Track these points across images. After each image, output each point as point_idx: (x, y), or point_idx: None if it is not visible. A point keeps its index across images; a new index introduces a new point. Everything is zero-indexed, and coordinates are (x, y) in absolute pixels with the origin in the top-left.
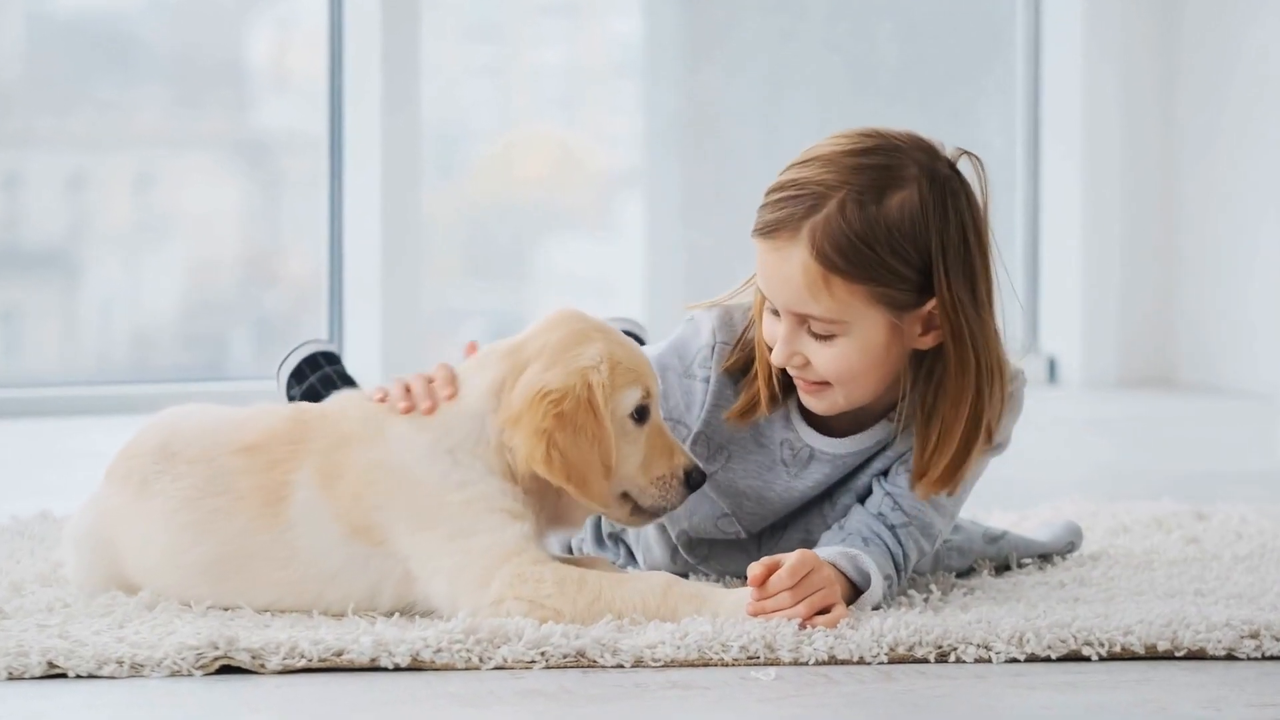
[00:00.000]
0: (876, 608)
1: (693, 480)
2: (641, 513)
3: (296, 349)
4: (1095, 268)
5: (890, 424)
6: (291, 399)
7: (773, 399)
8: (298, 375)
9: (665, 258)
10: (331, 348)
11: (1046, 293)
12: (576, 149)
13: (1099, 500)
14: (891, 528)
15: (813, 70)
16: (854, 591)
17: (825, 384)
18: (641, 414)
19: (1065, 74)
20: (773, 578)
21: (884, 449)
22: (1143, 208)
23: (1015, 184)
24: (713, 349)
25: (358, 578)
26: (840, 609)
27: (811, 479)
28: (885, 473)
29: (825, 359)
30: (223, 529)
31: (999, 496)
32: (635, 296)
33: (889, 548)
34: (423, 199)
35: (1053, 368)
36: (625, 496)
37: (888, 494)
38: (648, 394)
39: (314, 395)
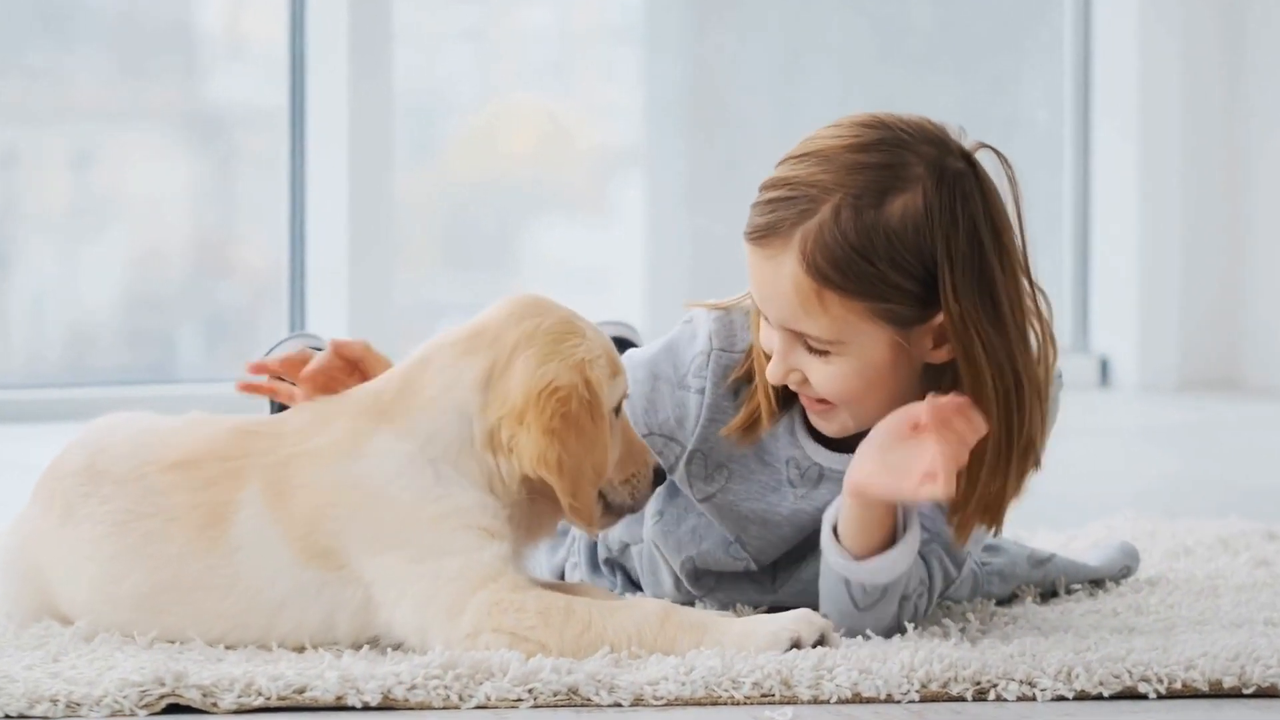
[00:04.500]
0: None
1: (659, 479)
2: (610, 512)
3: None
4: (1152, 257)
5: None
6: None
7: (772, 412)
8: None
9: (667, 246)
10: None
11: (1098, 286)
12: (568, 123)
13: (1157, 518)
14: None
15: (835, 35)
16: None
17: (829, 403)
18: (616, 409)
19: (1119, 39)
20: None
21: None
22: (1205, 190)
23: (1063, 163)
24: (708, 356)
25: (310, 607)
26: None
27: (822, 499)
28: None
29: (823, 377)
30: (156, 555)
31: (1045, 515)
32: (633, 289)
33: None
34: (395, 180)
35: (1105, 369)
36: (599, 495)
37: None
38: (625, 389)
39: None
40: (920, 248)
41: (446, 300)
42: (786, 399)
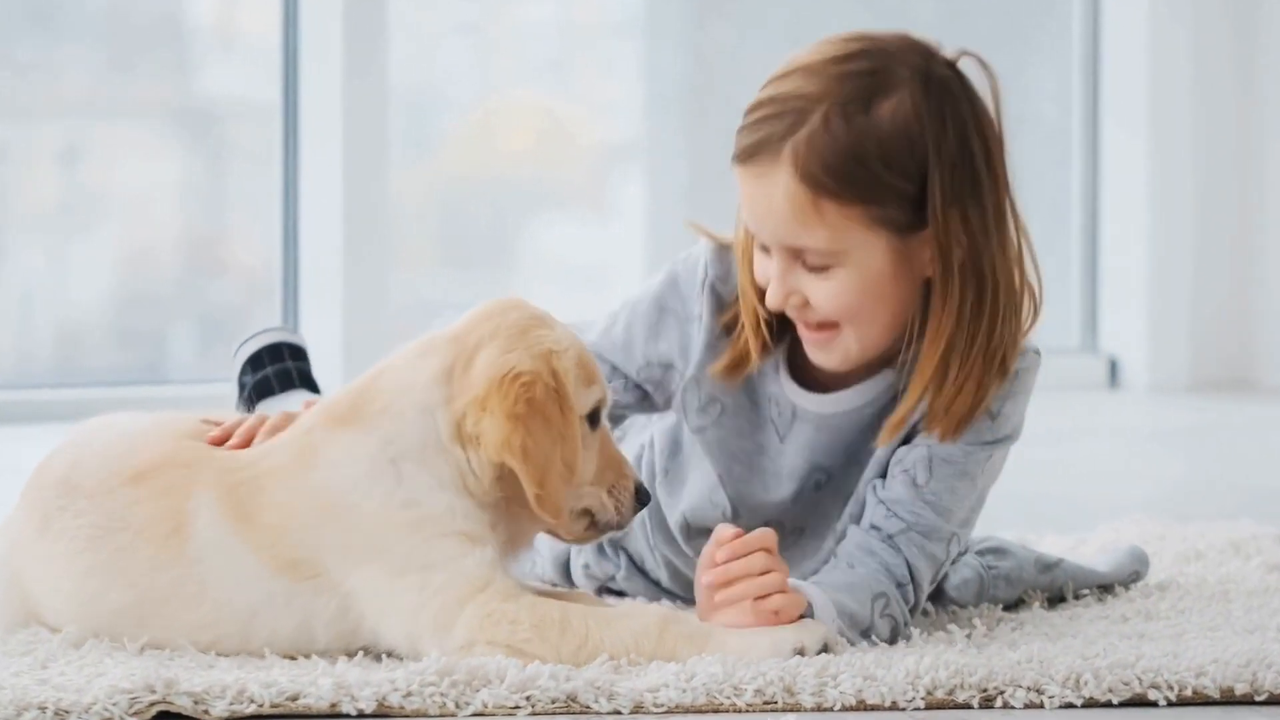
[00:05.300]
0: (867, 635)
1: (641, 497)
2: (595, 528)
3: (260, 333)
4: (1162, 255)
5: (883, 379)
6: (243, 386)
7: (764, 347)
8: (255, 362)
9: (668, 242)
10: (300, 342)
11: (1107, 284)
12: (567, 119)
13: (1167, 521)
14: (889, 538)
15: (837, 27)
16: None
17: (832, 326)
18: (594, 418)
19: (1128, 33)
20: (750, 537)
21: (880, 422)
22: (1216, 186)
23: (1071, 159)
24: (704, 284)
25: (281, 616)
26: (791, 608)
27: (796, 443)
28: (884, 476)
29: (825, 294)
30: (128, 570)
31: (1053, 518)
32: (634, 287)
33: (885, 561)
34: (390, 176)
35: (1114, 370)
36: (584, 512)
37: (881, 502)
38: (602, 397)
39: (266, 388)
40: (912, 148)
41: (443, 299)
42: (777, 336)
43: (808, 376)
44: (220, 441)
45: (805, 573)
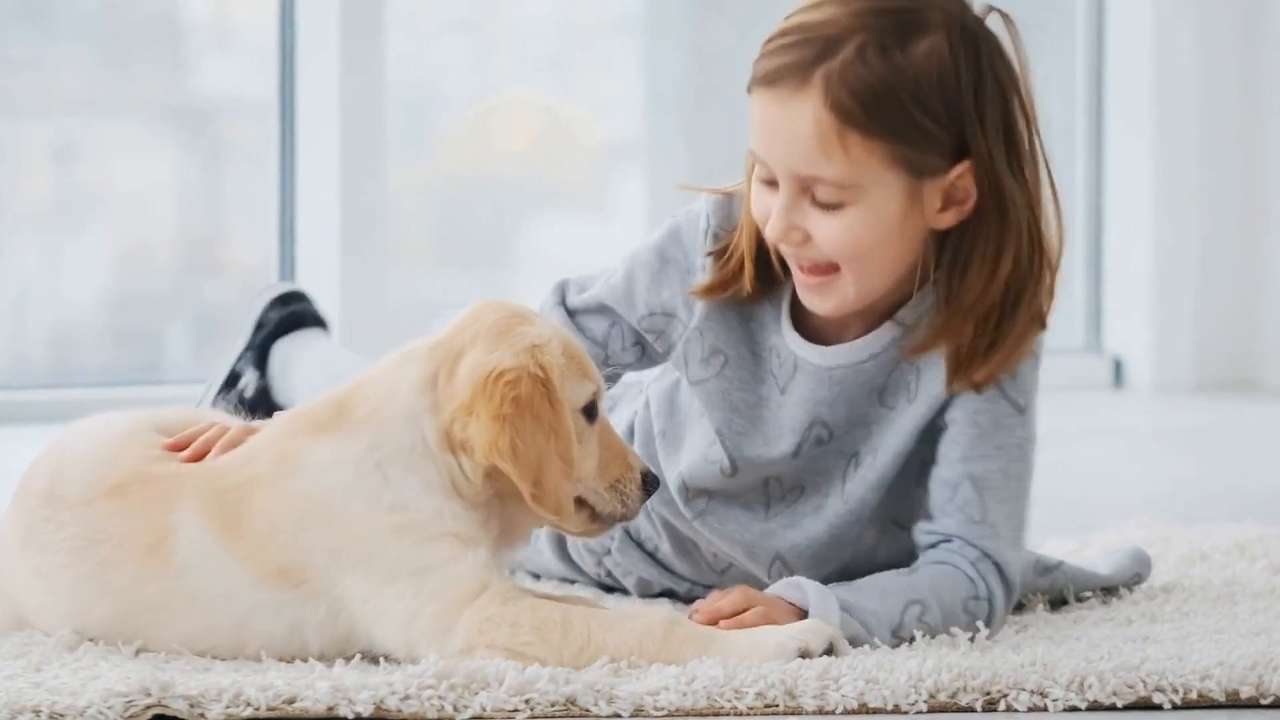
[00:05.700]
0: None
1: (649, 485)
2: (599, 521)
3: (283, 283)
4: (1167, 254)
5: (886, 333)
6: (261, 325)
7: (757, 278)
8: (284, 300)
9: None
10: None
11: (1111, 284)
12: (566, 117)
13: (1172, 523)
14: (971, 563)
15: None
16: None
17: (830, 270)
18: (591, 411)
19: (1133, 28)
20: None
21: (884, 379)
22: (1222, 184)
23: (1075, 157)
24: (706, 234)
25: (271, 623)
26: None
27: (797, 395)
28: (931, 512)
29: (831, 232)
30: (113, 582)
31: (1056, 519)
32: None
33: (966, 573)
34: (388, 175)
35: (1119, 370)
36: (581, 503)
37: (945, 538)
38: (597, 390)
39: (299, 320)
40: (944, 91)
41: (442, 299)
42: (776, 279)
43: (810, 329)
44: (176, 450)
45: (807, 531)
